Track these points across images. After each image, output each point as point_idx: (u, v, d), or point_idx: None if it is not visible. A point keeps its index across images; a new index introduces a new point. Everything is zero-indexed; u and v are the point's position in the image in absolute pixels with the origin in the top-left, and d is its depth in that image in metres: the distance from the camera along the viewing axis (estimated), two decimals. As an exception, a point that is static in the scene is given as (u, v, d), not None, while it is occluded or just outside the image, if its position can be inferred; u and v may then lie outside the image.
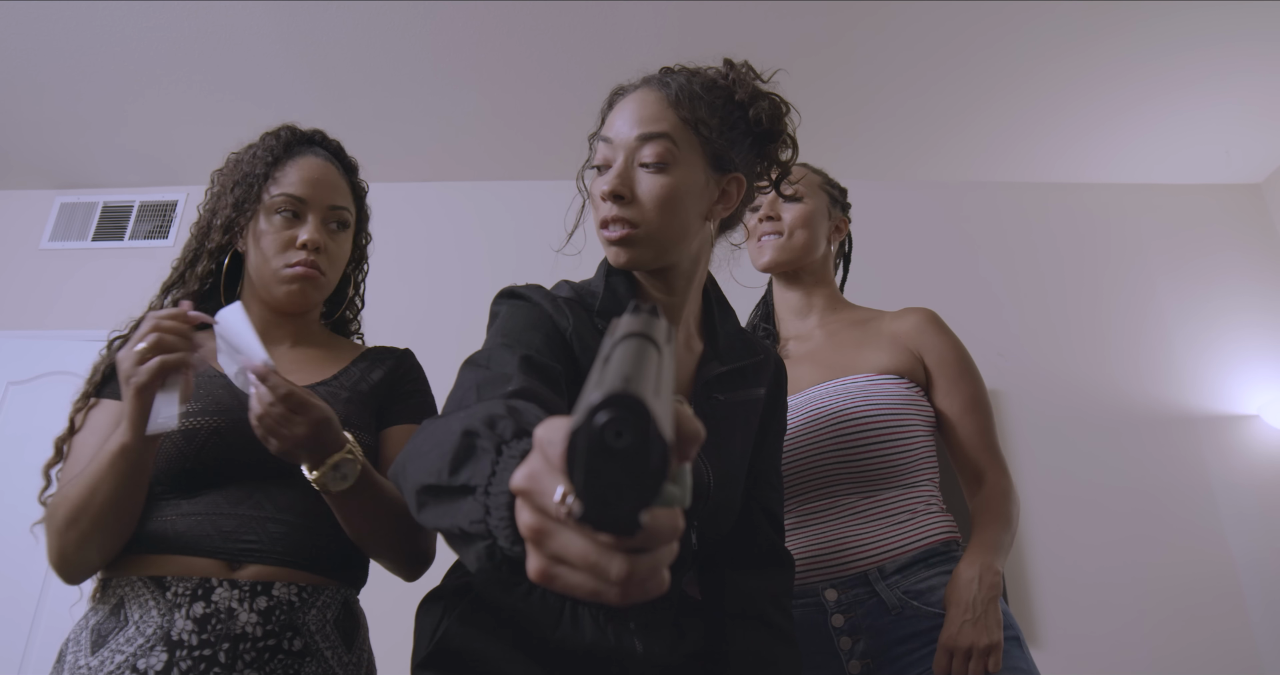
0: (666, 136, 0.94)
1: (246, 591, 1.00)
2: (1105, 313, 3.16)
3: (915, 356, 1.35)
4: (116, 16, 2.60)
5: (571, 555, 0.35)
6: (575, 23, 2.64)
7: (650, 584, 0.35)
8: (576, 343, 0.91)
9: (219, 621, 0.97)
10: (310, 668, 1.01)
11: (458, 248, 3.32)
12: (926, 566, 1.21)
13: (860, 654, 1.19)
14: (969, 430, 1.33)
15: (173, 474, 1.03)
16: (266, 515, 1.04)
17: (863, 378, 1.31)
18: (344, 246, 1.21)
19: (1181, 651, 2.63)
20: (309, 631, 1.03)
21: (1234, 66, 2.77)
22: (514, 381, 0.76)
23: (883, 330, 1.38)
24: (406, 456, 0.65)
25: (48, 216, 3.44)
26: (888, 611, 1.19)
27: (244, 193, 1.15)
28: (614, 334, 0.39)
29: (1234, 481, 2.88)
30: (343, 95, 2.96)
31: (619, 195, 0.93)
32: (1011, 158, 3.29)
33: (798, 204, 1.42)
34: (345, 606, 1.10)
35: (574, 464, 0.31)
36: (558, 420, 0.39)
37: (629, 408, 0.30)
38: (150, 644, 0.95)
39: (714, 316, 1.07)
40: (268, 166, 1.16)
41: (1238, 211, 3.34)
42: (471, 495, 0.52)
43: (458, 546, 0.56)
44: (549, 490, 0.36)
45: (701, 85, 0.98)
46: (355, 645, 1.10)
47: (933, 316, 1.40)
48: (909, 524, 1.24)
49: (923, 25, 2.64)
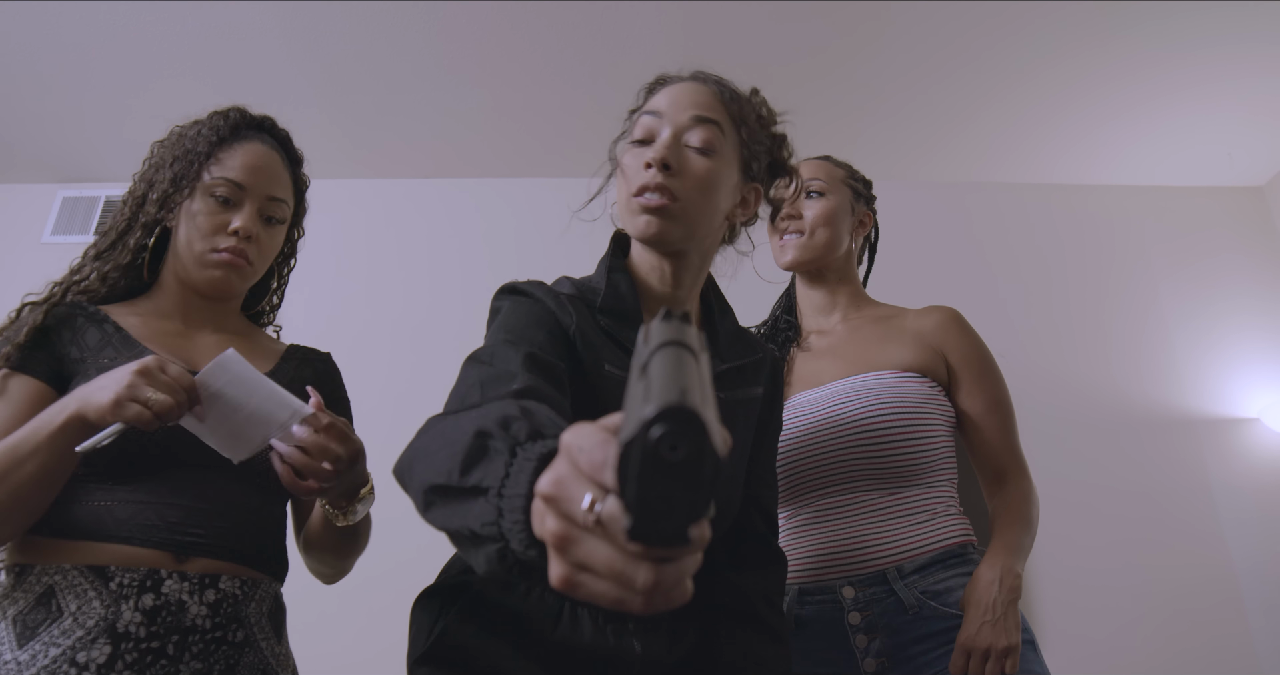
0: (717, 125, 0.97)
1: (196, 584, 0.98)
2: (1106, 314, 3.16)
3: (938, 354, 1.34)
4: (120, 11, 2.60)
5: (597, 563, 0.35)
6: (580, 19, 2.63)
7: (675, 593, 0.35)
8: (580, 340, 0.91)
9: (170, 614, 0.95)
10: (249, 657, 1.02)
11: (459, 244, 3.32)
12: (944, 567, 1.21)
13: (876, 652, 1.19)
14: (991, 430, 1.32)
15: (107, 456, 0.97)
16: (211, 508, 1.03)
17: (886, 374, 1.30)
18: (276, 239, 1.19)
19: (1180, 654, 2.63)
20: (249, 623, 1.03)
21: (1237, 69, 2.76)
22: (518, 379, 0.75)
23: (906, 327, 1.37)
24: (412, 455, 0.64)
25: (50, 210, 3.43)
26: (905, 611, 1.19)
27: (183, 169, 1.12)
28: (648, 342, 0.38)
29: (1234, 484, 2.88)
30: (346, 90, 2.96)
31: (668, 164, 0.94)
32: (1013, 159, 3.28)
33: (820, 201, 1.41)
34: (276, 599, 1.12)
35: (626, 477, 0.31)
36: (587, 426, 0.38)
37: (685, 421, 0.29)
38: (91, 636, 0.92)
39: (713, 315, 1.08)
40: (211, 146, 1.14)
41: (1240, 214, 3.33)
42: (483, 496, 0.51)
43: (465, 548, 0.55)
44: (577, 497, 0.36)
45: (742, 95, 1.03)
46: (283, 637, 1.12)
47: (956, 315, 1.39)
48: (928, 524, 1.24)
49: (925, 26, 2.63)
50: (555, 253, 3.28)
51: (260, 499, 1.09)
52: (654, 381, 0.33)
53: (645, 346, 0.38)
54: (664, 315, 0.41)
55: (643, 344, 0.40)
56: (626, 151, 1.00)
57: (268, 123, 1.23)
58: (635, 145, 0.98)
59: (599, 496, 0.35)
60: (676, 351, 0.36)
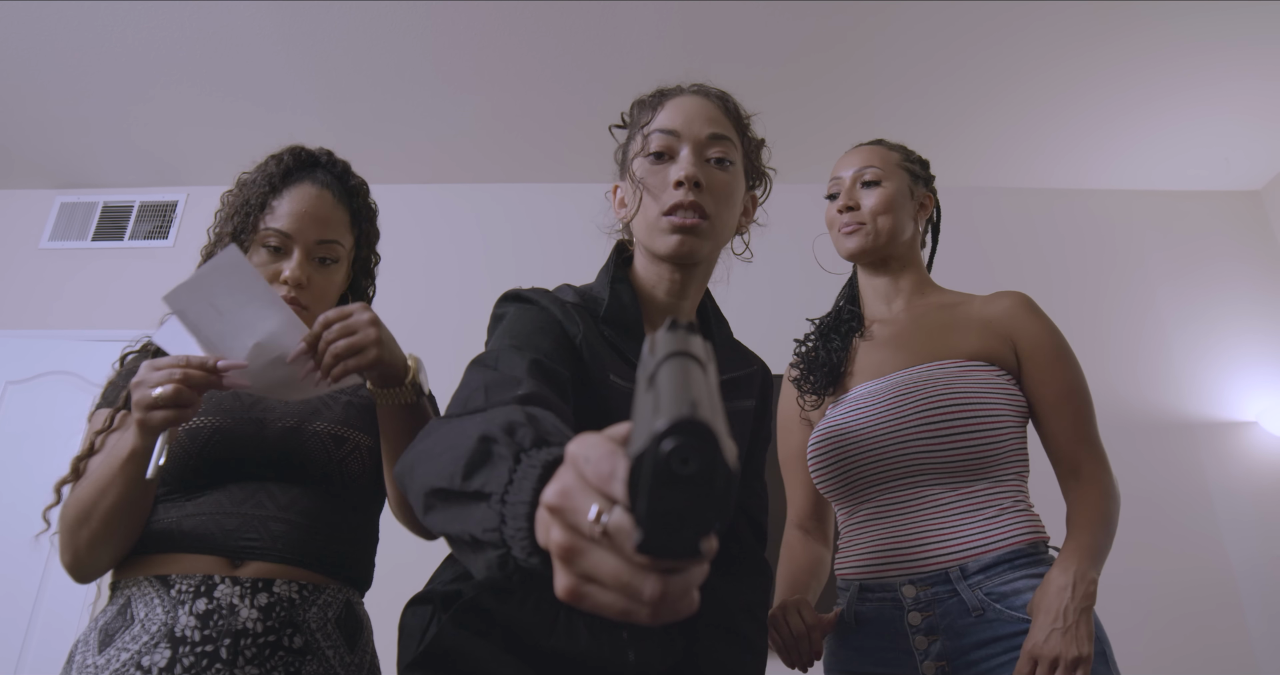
0: (731, 141, 1.00)
1: (248, 588, 1.00)
2: (1104, 318, 3.16)
3: (1008, 342, 1.27)
4: (117, 17, 2.61)
5: (603, 574, 0.35)
6: (576, 25, 2.64)
7: (682, 604, 0.35)
8: (586, 350, 0.91)
9: (220, 617, 0.98)
10: (311, 666, 1.02)
11: (456, 250, 3.32)
12: (1012, 568, 1.14)
13: (936, 655, 1.14)
14: (1064, 421, 1.25)
15: (177, 474, 1.04)
16: (268, 514, 1.05)
17: (951, 363, 1.24)
18: (333, 279, 1.20)
19: (1179, 657, 2.62)
20: (309, 629, 1.03)
21: (1234, 73, 2.77)
22: (523, 385, 0.75)
23: (973, 315, 1.31)
24: (415, 457, 0.64)
25: (48, 216, 3.44)
26: (968, 613, 1.13)
27: (241, 222, 1.15)
28: (655, 353, 0.38)
29: (1232, 488, 2.88)
30: (343, 96, 2.96)
31: (698, 182, 0.95)
32: (1010, 163, 3.29)
33: (876, 189, 1.35)
34: (347, 607, 1.11)
35: (637, 490, 0.30)
36: (593, 436, 0.38)
37: (696, 434, 0.29)
38: (154, 641, 0.96)
39: (710, 325, 1.08)
40: (264, 196, 1.16)
41: (1237, 218, 3.34)
42: (485, 502, 0.50)
43: (465, 553, 0.55)
44: (583, 508, 0.35)
45: (741, 107, 1.05)
46: (358, 646, 1.10)
47: (1026, 300, 1.32)
48: (996, 521, 1.17)
49: (921, 29, 2.64)
50: (553, 258, 3.29)
51: (328, 506, 1.10)
52: (663, 393, 0.32)
53: (652, 357, 0.38)
54: (670, 325, 0.41)
55: (649, 355, 0.39)
56: (646, 169, 0.99)
57: (324, 158, 1.24)
58: (654, 162, 0.98)
59: (605, 508, 0.35)
60: (684, 362, 0.35)
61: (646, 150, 0.99)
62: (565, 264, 1.51)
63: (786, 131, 1.11)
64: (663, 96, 1.04)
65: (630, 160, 1.02)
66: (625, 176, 1.03)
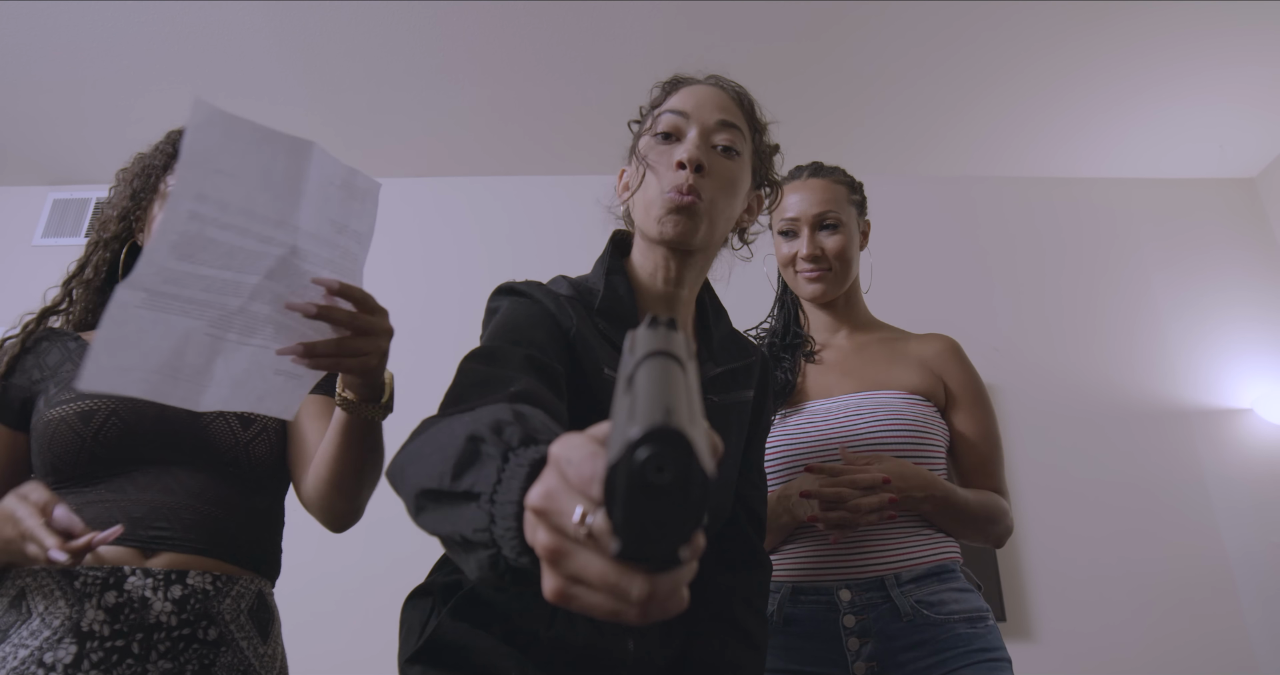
0: (740, 131, 1.00)
1: (160, 580, 0.97)
2: (1099, 306, 3.17)
3: (938, 380, 1.39)
4: (110, 12, 2.59)
5: (590, 575, 0.35)
6: (573, 17, 2.63)
7: (670, 603, 0.35)
8: (579, 343, 0.90)
9: (132, 611, 0.94)
10: (225, 657, 1.00)
11: (454, 243, 3.32)
12: (939, 581, 1.24)
13: (868, 656, 1.20)
14: (981, 456, 1.37)
15: (70, 461, 0.98)
16: (178, 501, 1.01)
17: (894, 394, 1.35)
18: None
19: (1175, 645, 2.64)
20: (224, 621, 1.01)
21: (1228, 60, 2.77)
22: (515, 381, 0.75)
23: (910, 352, 1.42)
24: (405, 458, 0.64)
25: (40, 213, 3.42)
26: (900, 617, 1.21)
27: (141, 183, 1.14)
28: (633, 351, 0.38)
29: (1227, 475, 2.89)
30: (337, 90, 2.95)
31: (701, 164, 0.95)
32: (1005, 152, 3.29)
33: (838, 234, 1.40)
34: (260, 598, 1.09)
35: (613, 500, 0.30)
36: (575, 437, 0.38)
37: (671, 442, 0.29)
38: (58, 636, 0.92)
39: (708, 317, 1.07)
40: (168, 158, 1.15)
41: (1231, 206, 3.34)
42: (475, 502, 0.50)
43: (457, 553, 0.55)
44: (568, 510, 0.35)
45: (756, 103, 1.06)
46: (270, 637, 1.09)
47: (956, 346, 1.44)
48: (925, 538, 1.28)
49: (913, 18, 2.63)
50: (550, 250, 3.28)
51: (236, 492, 1.06)
52: (639, 398, 0.32)
53: (631, 356, 0.38)
54: (650, 322, 0.40)
55: (628, 353, 0.39)
56: (652, 148, 0.99)
57: None
58: (660, 142, 0.98)
59: (590, 509, 0.35)
60: (663, 363, 0.35)
61: (654, 130, 0.99)
62: (562, 256, 1.51)
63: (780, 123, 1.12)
64: (679, 82, 1.04)
65: (638, 140, 1.03)
66: (632, 157, 1.03)
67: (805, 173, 1.47)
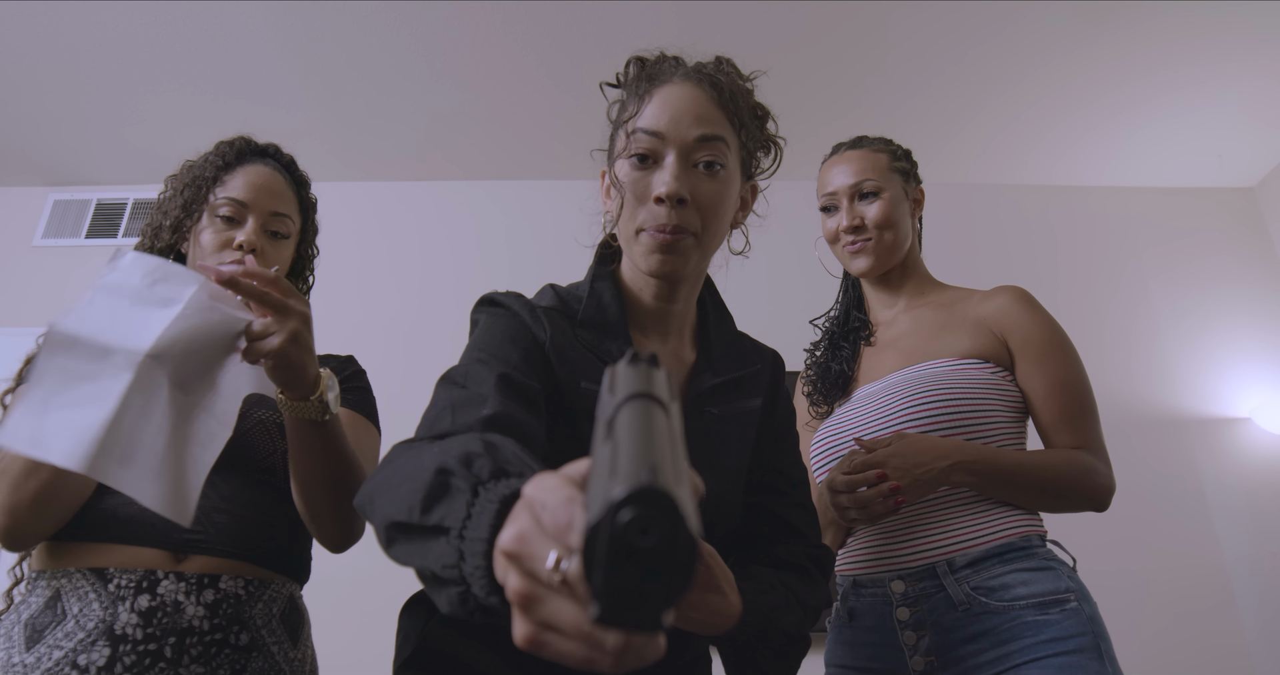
0: (723, 140, 0.90)
1: (193, 584, 0.98)
2: (1098, 315, 3.17)
3: (999, 339, 1.27)
4: (112, 14, 2.59)
5: (563, 623, 0.34)
6: (571, 21, 2.64)
7: (647, 651, 0.33)
8: (555, 356, 0.87)
9: (165, 615, 0.95)
10: (257, 663, 1.00)
11: (451, 247, 3.32)
12: (1001, 562, 1.13)
13: (925, 650, 1.13)
14: (1055, 414, 1.24)
15: None
16: (211, 505, 1.02)
17: (941, 362, 1.25)
18: (282, 253, 1.21)
19: (1173, 654, 2.63)
20: (255, 626, 1.02)
21: (1227, 70, 2.78)
22: (489, 403, 0.74)
23: (968, 313, 1.31)
24: (374, 488, 0.63)
25: (41, 213, 3.42)
26: (955, 607, 1.12)
27: (192, 195, 1.16)
28: (613, 392, 0.36)
29: (1226, 484, 2.89)
30: (337, 93, 2.95)
31: (683, 199, 0.87)
32: (1005, 161, 3.29)
33: (876, 202, 1.32)
34: (290, 601, 1.10)
35: (593, 563, 0.28)
36: (551, 478, 0.37)
37: (656, 504, 0.27)
38: (91, 638, 0.92)
39: (709, 321, 1.02)
40: (217, 170, 1.17)
41: (1231, 215, 3.35)
42: (445, 537, 0.49)
43: (430, 587, 0.54)
44: (540, 555, 0.34)
45: (741, 89, 0.95)
46: (300, 641, 1.10)
47: (1022, 294, 1.32)
48: (984, 515, 1.17)
49: (914, 26, 2.64)
50: (547, 254, 3.29)
51: (269, 498, 1.07)
52: (622, 450, 0.30)
53: (611, 397, 0.36)
54: (630, 359, 0.39)
55: (608, 393, 0.37)
56: (628, 173, 0.90)
57: (272, 149, 1.26)
58: (637, 166, 0.90)
59: (564, 554, 0.33)
60: (645, 407, 0.33)
61: (629, 151, 0.90)
62: (559, 260, 1.51)
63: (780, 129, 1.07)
64: (650, 83, 0.93)
65: (614, 157, 0.94)
66: (611, 166, 0.95)
67: (845, 147, 1.42)
